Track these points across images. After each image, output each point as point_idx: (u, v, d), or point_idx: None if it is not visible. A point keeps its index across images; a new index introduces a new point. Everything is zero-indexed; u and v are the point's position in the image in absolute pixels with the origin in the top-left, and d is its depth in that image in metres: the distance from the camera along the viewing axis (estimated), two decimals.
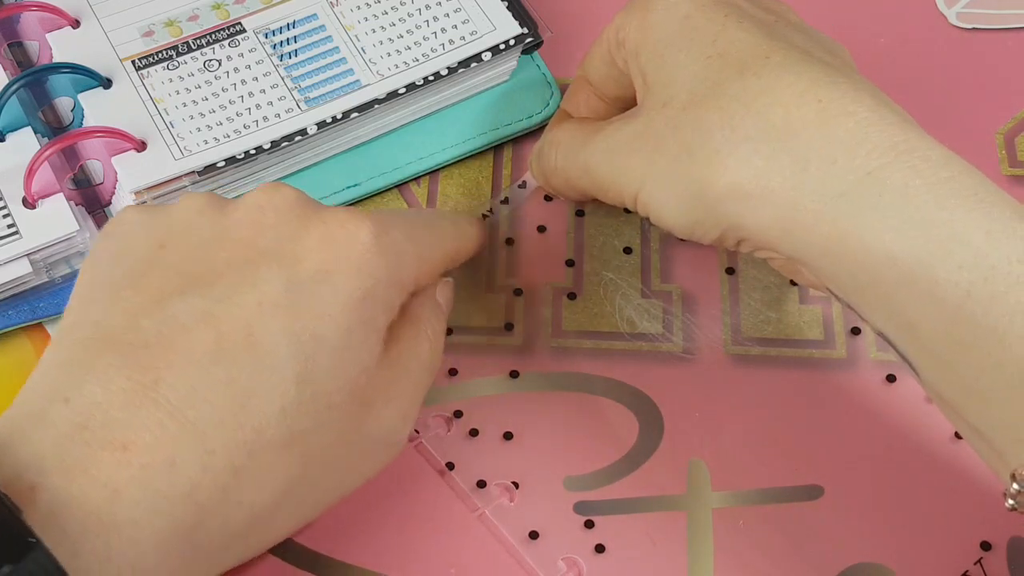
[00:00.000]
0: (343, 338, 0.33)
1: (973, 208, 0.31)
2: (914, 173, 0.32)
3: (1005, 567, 0.39)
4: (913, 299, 0.31)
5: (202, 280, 0.33)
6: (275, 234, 0.34)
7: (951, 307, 0.31)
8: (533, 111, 0.47)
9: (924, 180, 0.31)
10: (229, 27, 0.46)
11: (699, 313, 0.44)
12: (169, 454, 0.30)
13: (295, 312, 0.32)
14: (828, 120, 0.33)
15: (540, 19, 0.47)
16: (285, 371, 0.32)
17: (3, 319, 0.43)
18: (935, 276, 0.31)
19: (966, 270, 0.30)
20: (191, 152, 0.43)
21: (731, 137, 0.34)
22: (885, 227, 0.31)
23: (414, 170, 0.46)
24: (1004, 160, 0.47)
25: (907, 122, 0.33)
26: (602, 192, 0.40)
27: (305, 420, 0.32)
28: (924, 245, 0.31)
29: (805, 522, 0.40)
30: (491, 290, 0.44)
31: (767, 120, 0.34)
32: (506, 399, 0.42)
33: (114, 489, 0.29)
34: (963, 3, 0.51)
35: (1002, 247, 0.30)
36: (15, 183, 0.42)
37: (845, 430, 0.41)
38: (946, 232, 0.31)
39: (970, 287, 0.30)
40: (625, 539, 0.39)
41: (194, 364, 0.31)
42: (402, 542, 0.39)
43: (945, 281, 0.31)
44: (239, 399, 0.31)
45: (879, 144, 0.32)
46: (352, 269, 0.34)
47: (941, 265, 0.31)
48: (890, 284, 0.32)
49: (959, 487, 0.40)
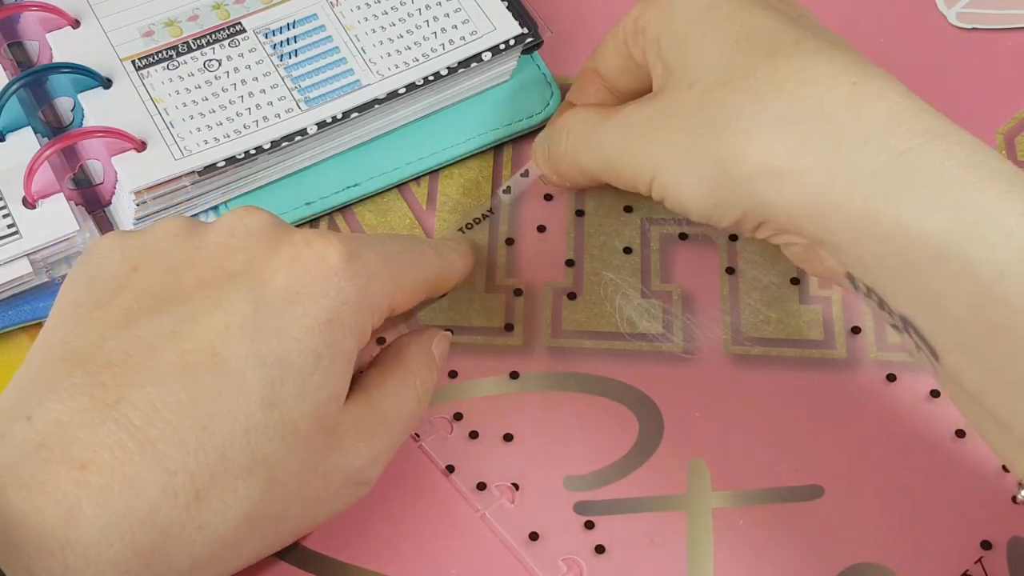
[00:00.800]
0: (310, 362, 0.33)
1: (1008, 191, 0.31)
2: (947, 155, 0.32)
3: (1005, 567, 0.39)
4: (945, 278, 0.31)
5: (171, 301, 0.33)
6: (244, 256, 0.34)
7: (983, 287, 0.30)
8: (533, 111, 0.47)
9: (958, 162, 0.31)
10: (229, 27, 0.46)
11: (699, 313, 0.44)
12: (129, 474, 0.30)
13: (262, 334, 0.32)
14: (861, 103, 0.33)
15: (540, 19, 0.47)
16: (251, 393, 0.32)
17: (3, 319, 0.43)
18: (968, 255, 0.31)
19: (1000, 250, 0.30)
20: (191, 152, 0.43)
21: (761, 117, 0.34)
22: (919, 206, 0.31)
23: (414, 170, 0.46)
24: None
25: (936, 113, 0.33)
26: (615, 175, 0.39)
27: (269, 445, 0.32)
28: (958, 225, 0.31)
29: (805, 522, 0.40)
30: (491, 290, 0.44)
31: (799, 101, 0.33)
32: (506, 400, 0.42)
33: (71, 508, 0.29)
34: (963, 3, 0.51)
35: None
36: (15, 183, 0.42)
37: (845, 430, 0.41)
38: (981, 213, 0.31)
39: (1004, 267, 0.30)
40: (625, 539, 0.39)
41: (157, 383, 0.31)
42: (403, 543, 0.39)
43: (978, 260, 0.30)
44: (202, 420, 0.31)
45: (912, 127, 0.32)
46: (319, 291, 0.33)
47: (975, 245, 0.30)
48: (921, 263, 0.31)
49: (959, 486, 0.40)
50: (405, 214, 0.46)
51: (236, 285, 0.33)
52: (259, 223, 0.34)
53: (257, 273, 0.33)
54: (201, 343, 0.32)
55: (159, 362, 0.31)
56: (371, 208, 0.46)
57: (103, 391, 0.31)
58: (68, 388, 0.31)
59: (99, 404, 0.30)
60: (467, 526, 0.40)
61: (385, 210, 0.46)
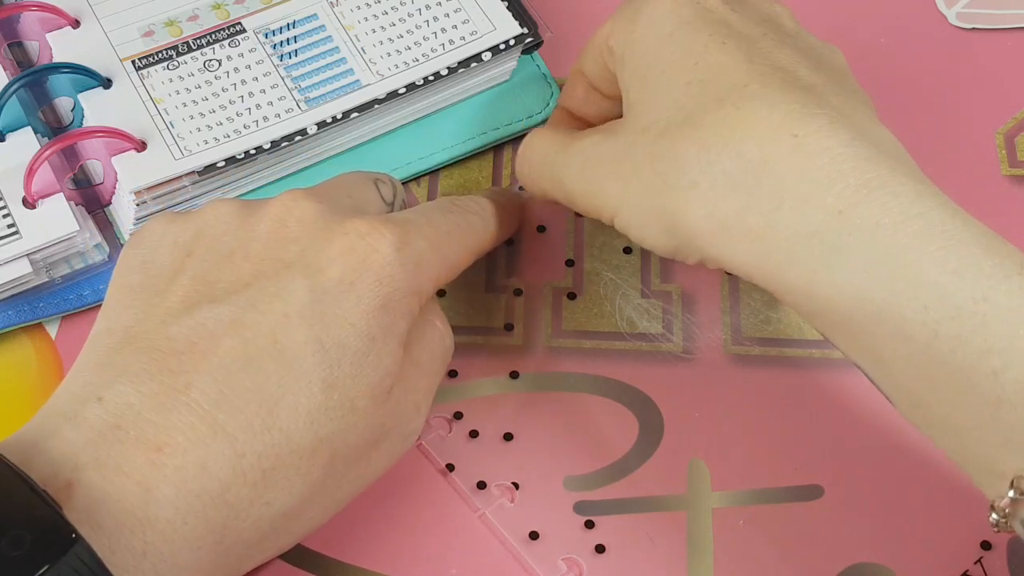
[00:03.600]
0: (366, 345, 0.34)
1: (941, 246, 0.31)
2: (883, 211, 0.32)
3: (1005, 567, 0.39)
4: (884, 338, 0.32)
5: (229, 289, 0.34)
6: (298, 246, 0.35)
7: (920, 346, 0.31)
8: (533, 111, 0.47)
9: (892, 219, 0.31)
10: (229, 27, 0.46)
11: (699, 313, 0.44)
12: (201, 456, 0.31)
13: (320, 321, 0.33)
14: (802, 156, 0.33)
15: (540, 19, 0.47)
16: (312, 377, 0.33)
17: (3, 319, 0.43)
18: (903, 315, 0.31)
19: (932, 310, 0.30)
20: (191, 152, 0.43)
21: (708, 171, 0.34)
22: (854, 269, 0.32)
23: (414, 170, 0.46)
24: (1004, 160, 0.47)
25: (882, 154, 0.33)
26: (577, 207, 0.40)
27: (330, 424, 0.33)
28: (891, 285, 0.31)
29: (805, 522, 0.40)
30: (491, 290, 0.44)
31: (743, 154, 0.34)
32: (506, 399, 0.42)
33: (148, 488, 0.31)
34: (963, 3, 0.51)
35: (967, 286, 0.30)
36: (15, 183, 0.42)
37: (845, 430, 0.41)
38: (913, 272, 0.31)
39: (937, 327, 0.30)
40: (625, 539, 0.39)
41: (223, 370, 0.32)
42: (403, 543, 0.39)
43: (912, 321, 0.31)
44: (267, 404, 0.32)
45: (851, 181, 0.32)
46: (373, 279, 0.34)
47: (908, 305, 0.31)
48: (860, 323, 0.32)
49: (959, 487, 0.40)
50: None
51: (293, 275, 0.34)
52: (310, 213, 0.35)
53: (312, 263, 0.34)
54: (262, 331, 0.33)
55: (223, 349, 0.33)
56: None
57: (172, 377, 0.32)
58: (137, 373, 0.32)
59: (169, 390, 0.32)
60: (467, 526, 0.40)
61: None
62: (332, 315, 0.34)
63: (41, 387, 0.42)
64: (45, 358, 0.43)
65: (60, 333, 0.43)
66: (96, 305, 0.43)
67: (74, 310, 0.43)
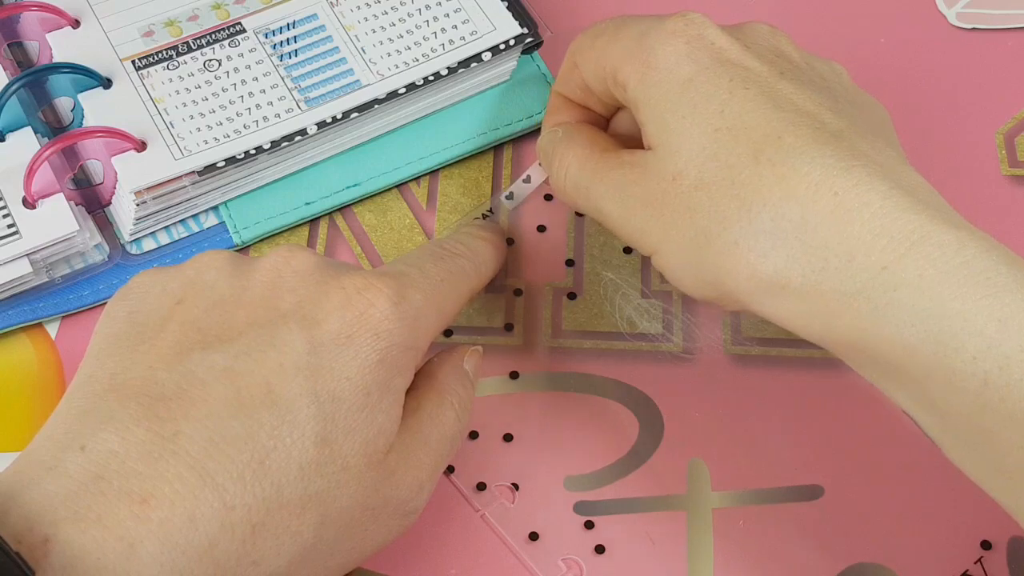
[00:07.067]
0: (361, 399, 0.33)
1: (985, 295, 0.31)
2: (928, 263, 0.32)
3: (1005, 567, 0.39)
4: (935, 388, 0.32)
5: (221, 337, 0.33)
6: (294, 297, 0.34)
7: (970, 395, 0.31)
8: (533, 111, 0.47)
9: (937, 269, 0.32)
10: (229, 27, 0.46)
11: (699, 313, 0.44)
12: (189, 508, 0.30)
13: (316, 373, 0.33)
14: (843, 214, 0.33)
15: (540, 19, 0.47)
16: (305, 430, 0.32)
17: (3, 319, 0.43)
18: (952, 366, 0.31)
19: (980, 360, 0.31)
20: (191, 152, 0.43)
21: (748, 229, 0.34)
22: (901, 323, 0.32)
23: (414, 170, 0.46)
24: (1004, 160, 0.47)
25: (920, 202, 0.33)
26: (615, 234, 0.39)
27: (321, 481, 0.32)
28: (939, 337, 0.31)
29: (805, 522, 0.40)
30: (491, 290, 0.44)
31: (784, 214, 0.33)
32: (506, 400, 0.42)
33: (131, 543, 0.29)
34: (963, 3, 0.52)
35: (1013, 335, 0.30)
36: (15, 183, 0.42)
37: (845, 430, 0.41)
38: (959, 323, 0.31)
39: (986, 376, 0.31)
40: (625, 539, 0.39)
41: (213, 418, 0.31)
42: (403, 543, 0.39)
43: (962, 372, 0.31)
44: (259, 455, 0.31)
45: (894, 235, 0.32)
46: (371, 334, 0.34)
47: (957, 356, 0.31)
48: (911, 373, 0.32)
49: (959, 487, 0.40)
50: (405, 214, 0.46)
51: (289, 325, 0.33)
52: (306, 264, 0.35)
53: (309, 314, 0.33)
54: (256, 379, 0.32)
55: (214, 396, 0.31)
56: (371, 208, 0.46)
57: (159, 424, 0.31)
58: (123, 419, 0.31)
59: (156, 436, 0.30)
60: (467, 526, 0.40)
61: (385, 210, 0.46)
62: (329, 368, 0.33)
63: (41, 387, 0.42)
64: (45, 358, 0.43)
65: (60, 333, 0.43)
66: (96, 305, 0.43)
67: (74, 310, 0.43)
